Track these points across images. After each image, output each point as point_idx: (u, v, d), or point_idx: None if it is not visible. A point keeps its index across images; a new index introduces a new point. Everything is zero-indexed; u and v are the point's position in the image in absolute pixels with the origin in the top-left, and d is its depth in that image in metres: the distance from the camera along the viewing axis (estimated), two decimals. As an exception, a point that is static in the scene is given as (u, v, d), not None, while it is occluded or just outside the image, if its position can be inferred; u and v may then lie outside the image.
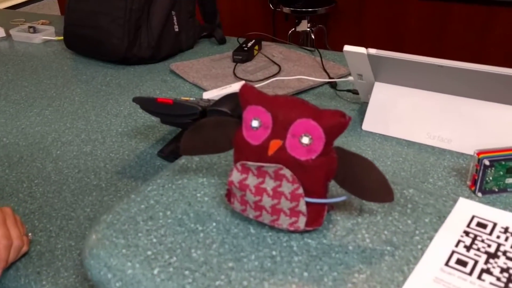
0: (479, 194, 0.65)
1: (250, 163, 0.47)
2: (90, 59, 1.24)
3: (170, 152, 0.79)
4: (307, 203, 0.46)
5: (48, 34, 1.40)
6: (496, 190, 0.65)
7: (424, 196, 0.52)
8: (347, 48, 0.76)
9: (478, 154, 0.63)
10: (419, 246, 0.46)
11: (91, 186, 0.74)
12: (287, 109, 0.46)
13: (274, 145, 0.46)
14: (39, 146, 0.85)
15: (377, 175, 0.46)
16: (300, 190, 0.46)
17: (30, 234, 0.64)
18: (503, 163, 0.63)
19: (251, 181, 0.47)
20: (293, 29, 2.56)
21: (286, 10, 2.44)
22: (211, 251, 0.47)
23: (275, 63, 1.12)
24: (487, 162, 0.62)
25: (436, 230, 0.47)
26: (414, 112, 0.77)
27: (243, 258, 0.46)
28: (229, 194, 0.51)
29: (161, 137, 0.86)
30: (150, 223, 0.50)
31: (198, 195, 0.55)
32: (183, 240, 0.48)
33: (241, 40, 1.28)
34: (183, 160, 0.61)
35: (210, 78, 1.06)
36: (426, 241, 0.46)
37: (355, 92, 0.93)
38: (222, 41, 1.30)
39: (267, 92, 0.96)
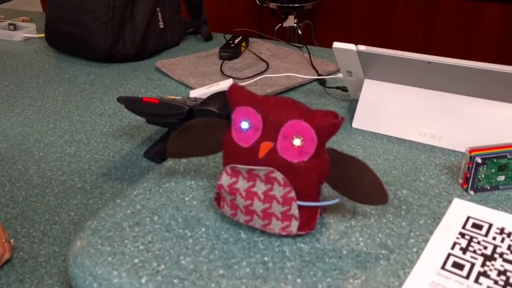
0: (471, 192, 0.64)
1: (240, 166, 0.45)
2: (73, 57, 1.20)
3: (157, 153, 0.77)
4: (300, 207, 0.45)
5: (29, 31, 1.36)
6: (488, 188, 0.64)
7: (418, 197, 0.51)
8: (336, 44, 0.75)
9: (470, 151, 0.62)
10: (415, 249, 0.45)
11: (76, 189, 0.72)
12: (278, 110, 0.45)
13: (265, 147, 0.44)
14: (21, 148, 0.82)
15: (371, 177, 0.45)
16: (292, 194, 0.44)
17: (12, 240, 0.62)
18: (495, 160, 0.62)
19: (242, 184, 0.45)
20: (280, 24, 2.55)
21: (272, 5, 2.42)
22: (201, 258, 0.45)
23: (263, 60, 1.10)
24: (479, 160, 0.62)
25: (431, 232, 0.46)
26: (404, 109, 0.76)
27: (234, 264, 0.44)
28: (218, 198, 0.49)
29: (147, 137, 0.84)
30: (136, 229, 0.49)
31: (186, 199, 0.53)
32: (171, 247, 0.46)
33: (228, 36, 1.26)
34: (170, 162, 0.60)
35: (197, 75, 1.04)
36: (422, 244, 0.45)
37: (344, 89, 0.92)
38: (208, 38, 1.28)
39: (255, 90, 0.94)
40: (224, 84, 0.92)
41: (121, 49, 1.13)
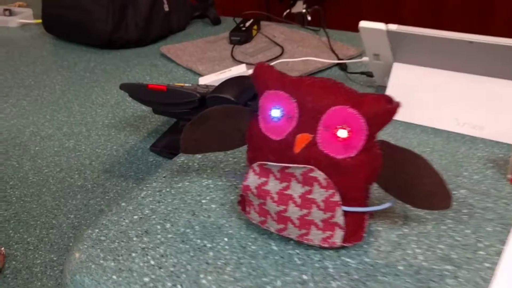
0: (525, 189, 0.56)
1: (271, 163, 0.38)
2: (72, 43, 1.17)
3: (164, 146, 0.73)
4: (345, 213, 0.38)
5: (26, 17, 1.35)
6: (544, 183, 0.56)
7: (479, 198, 0.43)
8: (363, 24, 0.70)
9: (523, 143, 0.55)
10: (487, 264, 0.37)
11: (75, 187, 0.67)
12: (317, 94, 0.37)
13: (302, 140, 0.38)
14: (15, 142, 0.78)
15: (432, 176, 0.37)
16: (336, 197, 0.37)
17: (3, 248, 0.59)
18: (553, 152, 0.55)
19: (273, 186, 0.39)
20: (288, 10, 2.47)
21: (279, -10, 2.34)
22: (225, 276, 0.38)
23: (277, 44, 1.03)
24: (535, 153, 0.54)
25: (503, 242, 0.39)
26: (440, 96, 0.71)
27: (266, 284, 0.37)
28: (243, 201, 0.43)
29: (154, 129, 0.80)
30: (146, 239, 0.42)
31: (204, 201, 0.47)
32: (188, 262, 0.39)
33: (238, 19, 1.20)
34: (182, 158, 0.53)
35: (206, 61, 0.97)
36: (494, 257, 0.38)
37: (369, 74, 0.86)
38: (216, 22, 1.24)
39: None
40: (237, 70, 0.85)
41: (123, 34, 1.10)
